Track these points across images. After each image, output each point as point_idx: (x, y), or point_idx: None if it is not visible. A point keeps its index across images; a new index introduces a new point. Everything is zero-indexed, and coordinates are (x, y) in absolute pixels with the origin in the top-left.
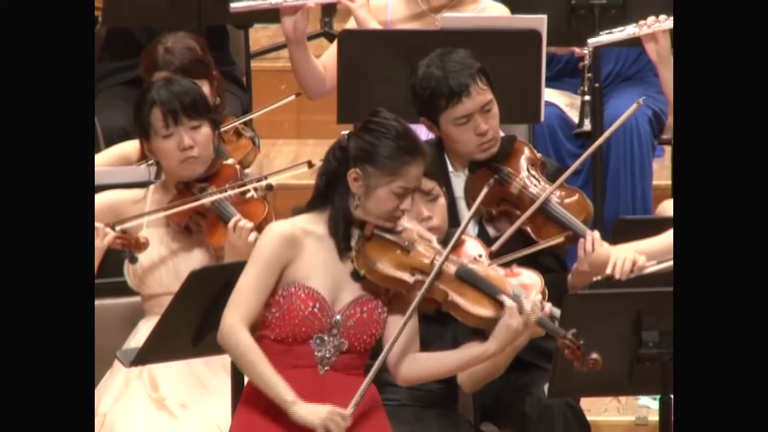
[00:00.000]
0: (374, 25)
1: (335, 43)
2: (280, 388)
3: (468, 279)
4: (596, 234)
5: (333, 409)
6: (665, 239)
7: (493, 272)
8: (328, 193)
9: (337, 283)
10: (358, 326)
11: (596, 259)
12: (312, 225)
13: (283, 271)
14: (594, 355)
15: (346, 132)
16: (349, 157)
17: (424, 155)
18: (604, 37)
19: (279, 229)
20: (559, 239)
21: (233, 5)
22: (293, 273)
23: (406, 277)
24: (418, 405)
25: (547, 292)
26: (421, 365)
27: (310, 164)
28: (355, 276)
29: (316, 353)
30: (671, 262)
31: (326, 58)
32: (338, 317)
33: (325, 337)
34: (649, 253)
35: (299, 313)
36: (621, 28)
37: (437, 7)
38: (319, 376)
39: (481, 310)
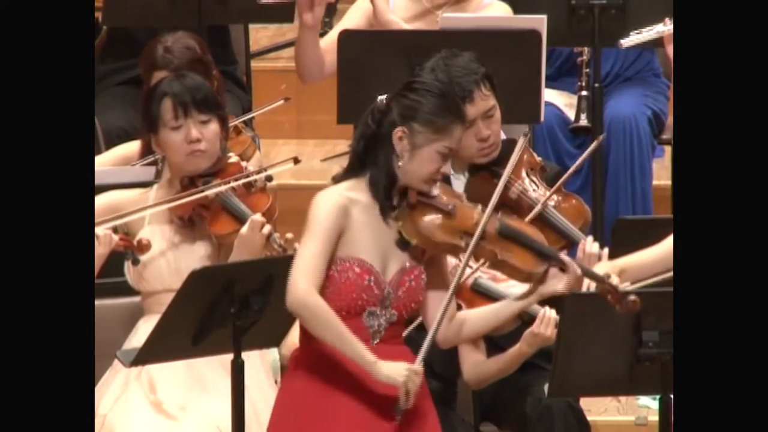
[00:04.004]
0: (391, 15)
1: (335, 29)
2: (362, 350)
3: (511, 235)
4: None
5: (409, 366)
6: (655, 252)
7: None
8: (367, 157)
9: (384, 253)
10: (407, 296)
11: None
12: (355, 193)
13: (337, 241)
14: (632, 297)
15: (383, 96)
16: (393, 117)
17: (465, 118)
18: (635, 37)
19: (331, 198)
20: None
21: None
22: (345, 246)
23: (458, 240)
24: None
25: None
26: (466, 326)
27: (296, 160)
28: (402, 244)
29: (367, 327)
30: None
31: (326, 43)
32: (389, 289)
33: (378, 311)
34: (636, 266)
35: (355, 286)
36: (650, 28)
37: (440, 4)
38: (372, 349)
39: (530, 265)
